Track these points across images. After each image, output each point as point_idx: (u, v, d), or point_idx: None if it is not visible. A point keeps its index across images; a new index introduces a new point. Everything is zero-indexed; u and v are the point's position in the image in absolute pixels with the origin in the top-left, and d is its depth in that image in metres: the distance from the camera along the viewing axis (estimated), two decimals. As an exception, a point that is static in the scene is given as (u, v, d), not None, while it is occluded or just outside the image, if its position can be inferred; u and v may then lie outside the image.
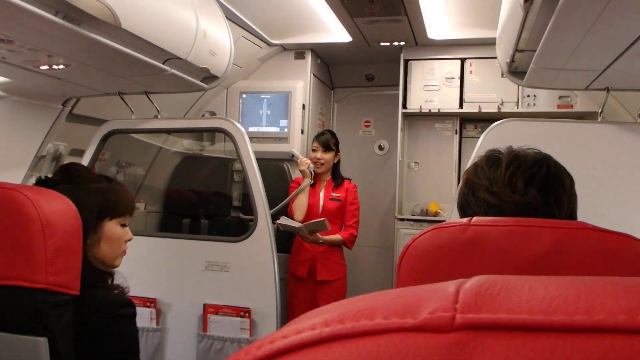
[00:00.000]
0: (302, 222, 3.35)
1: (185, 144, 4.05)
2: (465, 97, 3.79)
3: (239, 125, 2.48)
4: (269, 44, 3.84)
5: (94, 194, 1.47)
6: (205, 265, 2.46)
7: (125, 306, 1.39)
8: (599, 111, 2.17)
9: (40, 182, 1.46)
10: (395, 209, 3.87)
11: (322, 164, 3.42)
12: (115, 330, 1.35)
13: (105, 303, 1.35)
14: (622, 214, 2.00)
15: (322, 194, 3.45)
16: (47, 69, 2.04)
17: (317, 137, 3.49)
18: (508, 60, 2.13)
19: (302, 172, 3.41)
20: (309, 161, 3.40)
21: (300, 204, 3.38)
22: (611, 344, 0.22)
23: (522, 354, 0.23)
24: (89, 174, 1.55)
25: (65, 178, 1.47)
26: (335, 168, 3.51)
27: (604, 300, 0.24)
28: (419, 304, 0.27)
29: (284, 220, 3.13)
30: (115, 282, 1.50)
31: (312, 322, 0.27)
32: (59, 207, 1.24)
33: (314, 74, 4.08)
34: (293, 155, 3.72)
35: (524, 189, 0.99)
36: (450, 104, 3.82)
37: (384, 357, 0.25)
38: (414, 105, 3.87)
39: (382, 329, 0.26)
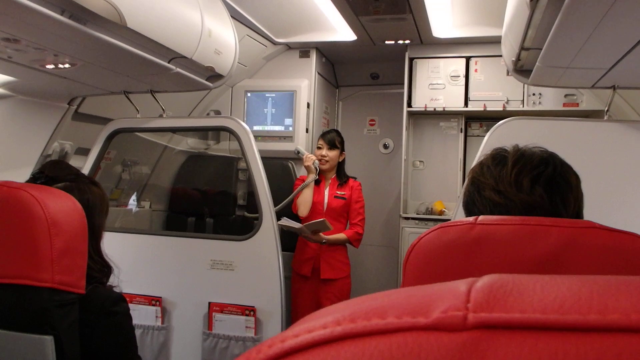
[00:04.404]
0: (307, 218, 3.36)
1: (190, 143, 4.06)
2: (471, 95, 3.79)
3: (243, 124, 2.48)
4: (274, 43, 3.84)
5: (94, 191, 1.48)
6: (210, 263, 2.46)
7: (119, 301, 1.40)
8: (605, 109, 2.16)
9: (37, 178, 1.46)
10: (400, 207, 3.87)
11: (327, 162, 3.43)
12: (113, 325, 1.35)
13: (100, 299, 1.35)
14: (629, 212, 1.99)
15: (326, 192, 3.45)
16: (53, 68, 2.04)
17: (323, 136, 3.51)
18: (514, 59, 2.12)
19: (307, 167, 3.41)
20: (314, 157, 3.41)
21: (304, 200, 3.39)
22: (625, 344, 0.22)
23: (535, 353, 0.23)
24: (77, 171, 1.55)
25: (60, 174, 1.47)
26: (340, 167, 3.52)
27: (618, 299, 0.24)
28: (431, 303, 0.26)
29: (284, 221, 3.14)
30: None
31: (324, 321, 0.27)
32: (64, 206, 1.24)
33: (318, 73, 4.07)
34: (298, 152, 3.73)
35: (530, 188, 0.99)
36: (455, 102, 3.81)
37: (397, 356, 0.25)
38: (419, 104, 3.86)
39: (394, 328, 0.26)
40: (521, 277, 0.27)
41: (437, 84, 3.84)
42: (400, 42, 3.80)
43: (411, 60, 3.91)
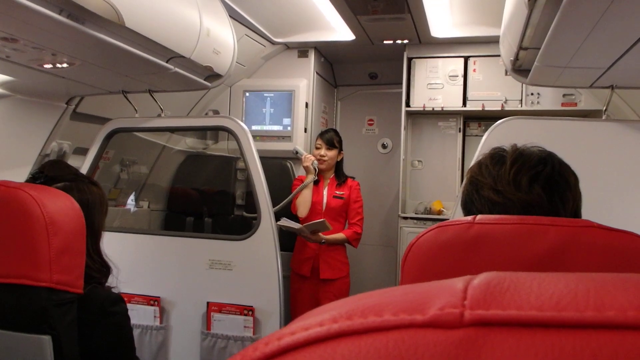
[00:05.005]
0: (306, 218, 3.36)
1: (188, 143, 4.05)
2: (469, 95, 3.79)
3: (242, 124, 2.48)
4: (273, 43, 3.84)
5: (94, 191, 1.48)
6: (208, 263, 2.46)
7: (118, 302, 1.39)
8: (604, 109, 2.16)
9: (37, 178, 1.46)
10: (398, 207, 3.87)
11: (326, 161, 3.43)
12: (112, 326, 1.35)
13: (99, 299, 1.35)
14: (627, 211, 1.99)
15: (325, 192, 3.46)
16: (51, 68, 2.04)
17: (321, 135, 3.51)
18: (512, 58, 2.12)
19: (305, 168, 3.41)
20: (313, 157, 3.41)
21: (304, 200, 3.39)
22: (621, 341, 0.22)
23: (532, 350, 0.23)
24: (77, 171, 1.55)
25: (59, 174, 1.47)
26: (338, 166, 3.52)
27: (614, 296, 0.24)
28: (427, 300, 0.26)
29: (284, 222, 3.14)
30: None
31: (320, 319, 0.27)
32: (62, 206, 1.24)
33: (317, 73, 4.07)
34: (297, 152, 3.73)
35: (528, 187, 0.99)
36: (453, 102, 3.81)
37: (393, 353, 0.25)
38: (417, 104, 3.87)
39: (391, 325, 0.26)
40: (518, 275, 0.27)
41: (436, 84, 3.84)
42: (399, 41, 3.80)
43: (410, 59, 3.91)
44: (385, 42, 3.80)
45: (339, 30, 3.61)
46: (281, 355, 0.26)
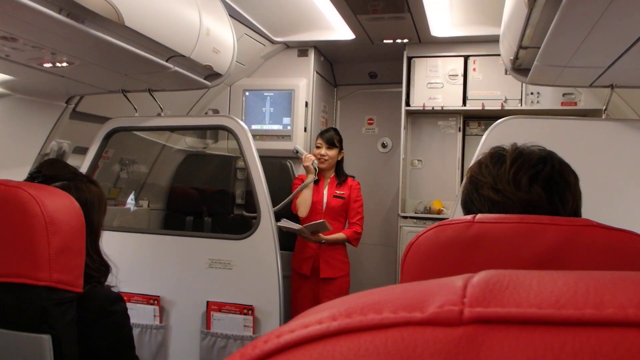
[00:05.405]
0: (306, 217, 3.36)
1: (188, 142, 4.05)
2: (469, 94, 3.79)
3: (242, 123, 2.48)
4: (272, 42, 3.84)
5: (92, 190, 1.48)
6: (208, 262, 2.46)
7: (117, 301, 1.39)
8: (603, 108, 2.16)
9: (35, 177, 1.46)
10: (398, 206, 3.87)
11: (326, 160, 3.42)
12: (111, 325, 1.35)
13: (99, 298, 1.35)
14: (627, 211, 1.99)
15: (325, 192, 3.45)
16: (50, 67, 2.04)
17: (322, 134, 3.50)
18: (512, 58, 2.12)
19: (306, 168, 3.41)
20: (313, 157, 3.41)
21: (304, 200, 3.39)
22: (621, 338, 0.22)
23: (531, 348, 0.23)
24: (75, 170, 1.55)
25: (58, 173, 1.47)
26: (338, 165, 3.52)
27: (614, 294, 0.24)
28: (427, 298, 0.26)
29: (284, 223, 3.14)
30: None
31: (320, 316, 0.27)
32: (62, 205, 1.24)
33: (317, 72, 4.07)
34: (297, 152, 3.72)
35: (528, 187, 0.99)
36: (453, 101, 3.81)
37: (392, 351, 0.24)
38: (417, 103, 3.86)
39: (390, 323, 0.26)
40: (517, 273, 0.27)
41: (436, 83, 3.84)
42: (399, 41, 3.80)
43: (409, 59, 3.91)
44: (385, 41, 3.80)
45: (339, 30, 3.61)
46: (280, 353, 0.26)
